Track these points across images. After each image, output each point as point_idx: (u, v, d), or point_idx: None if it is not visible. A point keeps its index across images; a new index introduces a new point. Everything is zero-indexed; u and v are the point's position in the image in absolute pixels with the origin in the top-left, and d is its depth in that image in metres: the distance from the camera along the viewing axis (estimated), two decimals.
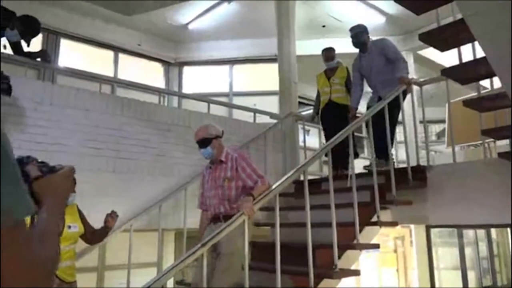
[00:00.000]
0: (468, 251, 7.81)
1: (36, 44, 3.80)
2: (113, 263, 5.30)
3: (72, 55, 7.31)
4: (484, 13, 1.75)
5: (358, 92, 4.67)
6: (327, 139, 4.71)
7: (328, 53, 5.15)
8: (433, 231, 8.08)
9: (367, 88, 4.77)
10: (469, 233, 7.95)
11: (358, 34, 4.52)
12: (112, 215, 3.07)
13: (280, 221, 4.23)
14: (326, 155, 3.20)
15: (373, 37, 4.72)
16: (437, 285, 7.71)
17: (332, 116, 4.88)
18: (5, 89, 3.42)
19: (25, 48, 3.99)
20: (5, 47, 3.79)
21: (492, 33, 1.83)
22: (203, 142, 2.97)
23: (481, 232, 7.77)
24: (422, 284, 7.78)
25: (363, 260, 8.45)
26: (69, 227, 2.84)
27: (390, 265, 8.95)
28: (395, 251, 9.13)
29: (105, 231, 3.08)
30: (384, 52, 4.33)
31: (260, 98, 7.85)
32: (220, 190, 2.95)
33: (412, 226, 8.12)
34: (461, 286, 7.23)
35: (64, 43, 7.20)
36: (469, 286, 7.32)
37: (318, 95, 5.16)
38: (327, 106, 4.97)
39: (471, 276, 7.60)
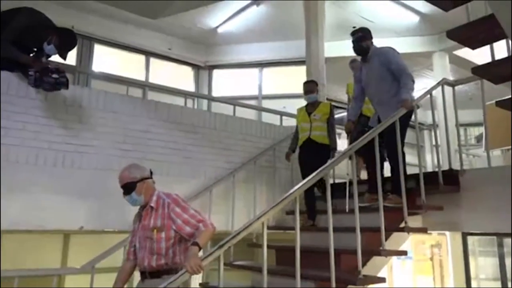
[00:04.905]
0: (509, 261, 7.42)
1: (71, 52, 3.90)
2: None
3: (105, 59, 7.55)
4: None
5: (357, 105, 4.11)
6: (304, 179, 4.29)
7: (308, 86, 4.63)
8: (471, 239, 7.76)
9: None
10: (510, 242, 7.56)
11: (358, 39, 3.90)
12: None
13: (307, 225, 4.27)
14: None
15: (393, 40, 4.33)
16: None
17: (310, 156, 4.38)
18: (64, 83, 3.64)
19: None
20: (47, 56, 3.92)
21: None
22: (127, 188, 2.59)
23: None
24: None
25: (398, 268, 8.22)
26: None
27: (426, 273, 8.65)
28: (431, 259, 8.83)
29: None
30: (386, 63, 3.74)
31: (290, 101, 7.81)
32: (148, 242, 2.54)
33: (448, 233, 7.82)
34: None
35: (98, 48, 7.46)
36: None
37: (297, 131, 4.70)
38: (304, 144, 4.49)
39: None
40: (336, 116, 4.73)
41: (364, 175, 5.04)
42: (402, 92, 3.59)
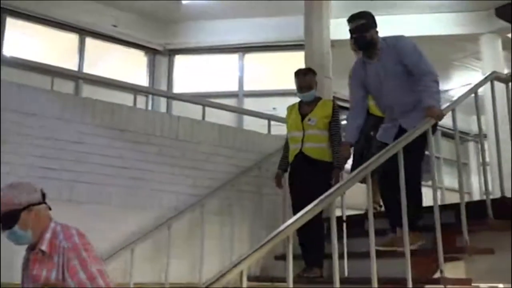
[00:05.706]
0: None
1: None
2: None
3: (21, 40, 7.49)
4: None
5: (358, 120, 3.99)
6: (294, 211, 3.78)
7: (303, 78, 4.50)
8: None
9: None
10: None
11: (360, 28, 3.74)
12: None
13: (306, 275, 4.25)
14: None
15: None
16: None
17: (302, 177, 4.33)
18: None
19: None
20: None
21: None
22: (6, 219, 2.42)
23: None
24: None
25: None
26: None
27: None
28: None
29: None
30: (401, 58, 3.71)
31: (282, 100, 7.82)
32: None
33: (501, 286, 7.88)
34: None
35: (11, 24, 7.38)
36: None
37: (287, 142, 4.64)
38: (296, 160, 4.42)
39: None
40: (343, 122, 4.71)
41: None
42: (425, 96, 3.62)
